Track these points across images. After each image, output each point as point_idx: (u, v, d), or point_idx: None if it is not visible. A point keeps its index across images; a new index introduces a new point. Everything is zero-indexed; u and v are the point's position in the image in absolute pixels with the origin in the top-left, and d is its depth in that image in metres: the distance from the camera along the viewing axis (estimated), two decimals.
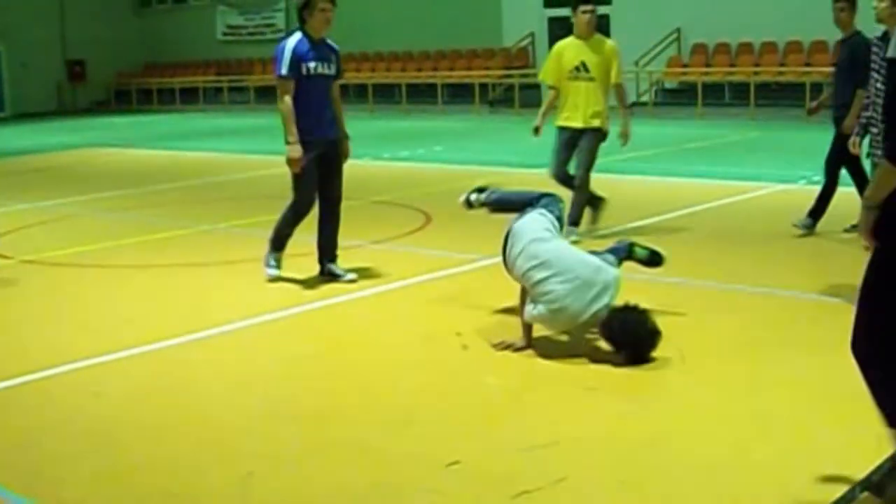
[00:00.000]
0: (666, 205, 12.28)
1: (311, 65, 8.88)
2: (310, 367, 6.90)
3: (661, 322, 6.87)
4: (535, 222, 6.99)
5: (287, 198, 9.26)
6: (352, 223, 12.27)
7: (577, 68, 10.58)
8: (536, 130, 10.79)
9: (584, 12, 10.58)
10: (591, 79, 10.56)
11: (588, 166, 10.65)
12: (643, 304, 6.74)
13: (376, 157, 20.00)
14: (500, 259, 7.20)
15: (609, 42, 10.83)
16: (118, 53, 43.97)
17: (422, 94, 33.43)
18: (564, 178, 10.68)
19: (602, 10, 31.09)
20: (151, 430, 5.79)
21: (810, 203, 10.45)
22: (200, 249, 10.99)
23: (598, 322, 6.63)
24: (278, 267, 9.28)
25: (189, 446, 5.54)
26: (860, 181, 10.00)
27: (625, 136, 10.73)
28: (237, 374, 6.76)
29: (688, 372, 6.41)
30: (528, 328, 6.87)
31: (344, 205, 12.77)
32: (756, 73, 26.67)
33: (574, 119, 10.59)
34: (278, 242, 9.33)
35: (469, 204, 8.08)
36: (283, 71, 8.83)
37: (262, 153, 21.58)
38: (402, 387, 6.39)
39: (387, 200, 13.78)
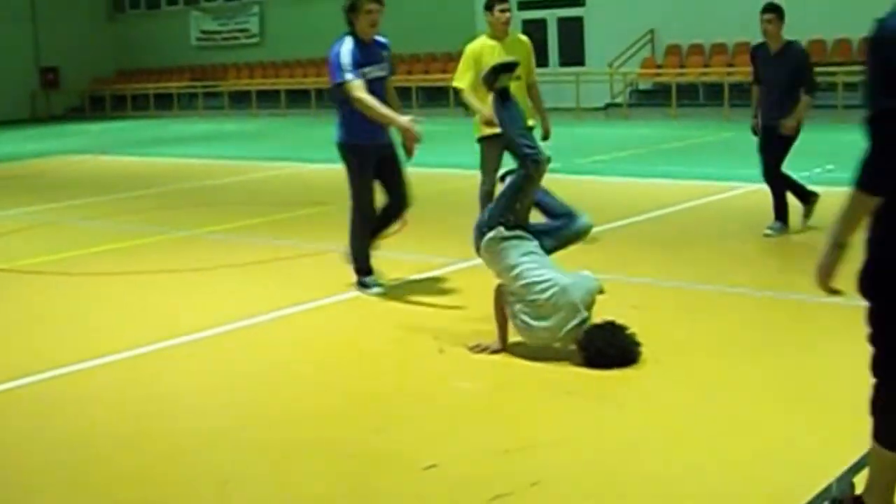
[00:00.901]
0: (641, 206, 12.31)
1: (367, 69, 8.56)
2: (285, 372, 6.89)
3: (636, 323, 6.90)
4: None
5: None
6: (326, 228, 12.28)
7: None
8: (490, 123, 9.63)
9: (503, 10, 10.03)
10: (518, 78, 9.69)
11: None
12: (620, 320, 6.73)
13: None
14: (474, 263, 7.19)
15: (525, 39, 10.37)
16: (92, 60, 43.80)
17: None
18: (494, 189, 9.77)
19: (575, 12, 31.43)
20: (126, 438, 5.77)
21: (772, 205, 10.51)
22: (175, 256, 10.95)
23: (575, 341, 6.62)
24: (379, 284, 8.87)
25: (165, 454, 5.52)
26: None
27: (547, 134, 10.18)
28: (212, 381, 6.75)
29: (663, 373, 6.42)
30: (502, 330, 6.87)
31: (318, 210, 12.75)
32: (729, 74, 26.73)
33: None
34: (362, 264, 8.90)
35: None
36: (349, 76, 8.41)
37: (238, 158, 21.56)
38: (378, 391, 6.39)
39: None
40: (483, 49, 10.04)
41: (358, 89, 8.41)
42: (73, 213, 14.55)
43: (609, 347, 6.50)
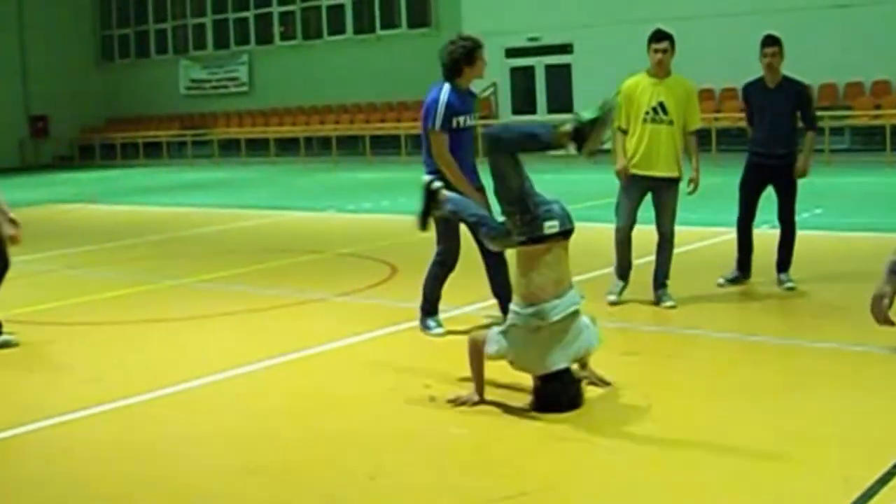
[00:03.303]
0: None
1: (461, 119, 8.79)
2: (276, 421, 6.87)
3: (629, 368, 6.91)
4: None
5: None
6: (316, 276, 12.30)
7: (654, 109, 9.57)
8: (624, 172, 9.83)
9: (657, 51, 9.65)
10: (671, 122, 9.57)
11: (674, 219, 9.86)
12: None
13: (340, 209, 20.02)
14: (465, 311, 7.17)
15: (687, 82, 9.91)
16: (81, 108, 43.92)
17: (385, 145, 33.55)
18: (630, 233, 9.94)
19: (564, 59, 31.59)
20: (119, 488, 5.73)
21: (776, 257, 10.39)
22: (166, 305, 10.93)
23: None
24: (440, 325, 8.92)
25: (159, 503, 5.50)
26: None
27: (696, 185, 9.91)
28: (204, 430, 6.72)
29: (655, 418, 6.42)
30: (479, 382, 6.84)
31: (308, 258, 12.79)
32: (717, 119, 26.89)
33: (652, 167, 9.65)
34: (430, 306, 8.98)
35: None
36: (437, 124, 8.67)
37: (228, 207, 21.57)
38: (369, 439, 6.37)
39: (351, 253, 13.79)
40: (637, 85, 9.74)
41: (442, 144, 8.65)
42: (62, 262, 14.53)
43: (562, 395, 6.57)
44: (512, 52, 31.81)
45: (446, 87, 8.77)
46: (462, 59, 8.73)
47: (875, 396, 6.76)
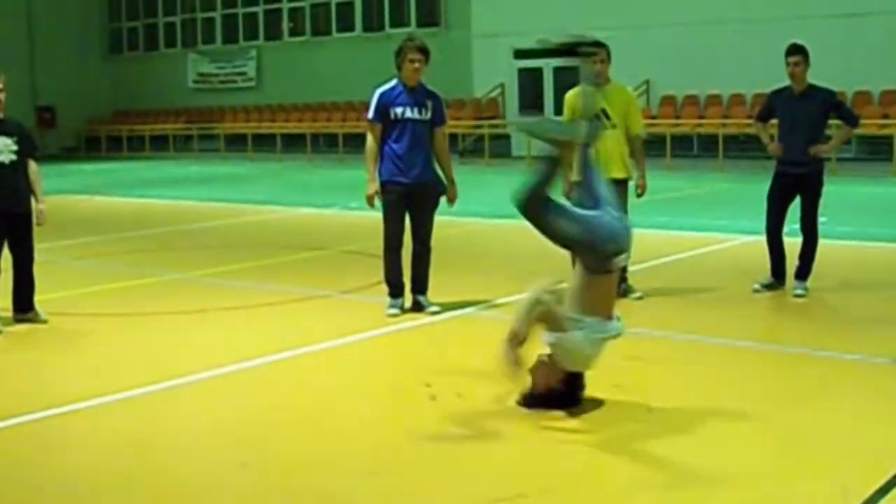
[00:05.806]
0: (634, 257, 12.31)
1: (399, 110, 9.39)
2: (278, 417, 6.86)
3: (630, 373, 6.90)
4: None
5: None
6: (320, 273, 12.30)
7: (597, 116, 9.69)
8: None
9: (594, 63, 10.09)
10: (614, 126, 9.99)
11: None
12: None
13: (345, 206, 20.01)
14: (468, 311, 7.15)
15: (627, 88, 10.37)
16: (88, 100, 43.91)
17: None
18: None
19: (572, 62, 31.47)
20: (118, 482, 5.73)
21: (796, 264, 10.29)
22: (169, 298, 10.93)
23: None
24: (395, 308, 9.57)
25: (157, 498, 5.49)
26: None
27: (643, 189, 10.28)
28: (205, 425, 6.72)
29: (654, 423, 6.42)
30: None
31: (312, 254, 12.80)
32: (724, 125, 26.87)
33: (605, 171, 9.40)
34: (389, 286, 9.67)
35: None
36: (369, 115, 9.47)
37: (232, 201, 21.57)
38: (370, 437, 6.37)
39: (356, 250, 13.78)
40: (578, 95, 9.96)
41: (370, 132, 9.49)
42: (66, 253, 14.53)
43: (564, 394, 6.60)
44: (520, 54, 31.77)
45: (391, 80, 9.54)
46: (396, 54, 9.47)
47: (875, 406, 6.75)
